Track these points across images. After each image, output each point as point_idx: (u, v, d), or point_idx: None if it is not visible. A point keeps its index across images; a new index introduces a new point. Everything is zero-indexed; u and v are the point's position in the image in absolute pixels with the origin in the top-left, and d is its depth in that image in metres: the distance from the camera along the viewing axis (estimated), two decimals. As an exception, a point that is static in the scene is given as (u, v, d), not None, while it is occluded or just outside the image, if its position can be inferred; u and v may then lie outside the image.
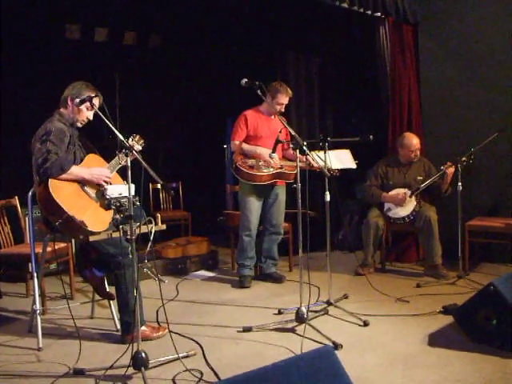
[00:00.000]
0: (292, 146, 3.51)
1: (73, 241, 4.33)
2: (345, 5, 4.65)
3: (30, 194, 3.27)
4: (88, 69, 4.95)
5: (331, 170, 3.93)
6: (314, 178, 4.08)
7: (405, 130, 5.14)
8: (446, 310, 3.57)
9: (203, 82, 6.63)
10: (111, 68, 5.84)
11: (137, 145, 3.37)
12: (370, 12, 4.90)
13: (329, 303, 3.74)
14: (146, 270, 4.50)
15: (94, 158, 3.24)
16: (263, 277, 4.68)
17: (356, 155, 4.63)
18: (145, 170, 2.73)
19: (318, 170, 3.99)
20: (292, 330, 3.36)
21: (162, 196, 6.38)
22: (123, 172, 2.88)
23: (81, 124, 3.23)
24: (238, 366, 2.81)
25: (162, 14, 5.52)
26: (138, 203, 2.80)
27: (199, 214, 6.30)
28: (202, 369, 2.80)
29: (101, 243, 3.11)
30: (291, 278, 4.63)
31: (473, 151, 4.35)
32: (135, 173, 2.71)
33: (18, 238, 4.21)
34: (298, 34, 5.74)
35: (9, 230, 4.15)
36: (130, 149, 2.74)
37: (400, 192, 4.72)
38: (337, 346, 3.04)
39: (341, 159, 4.54)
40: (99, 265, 3.29)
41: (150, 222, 3.04)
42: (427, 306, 3.74)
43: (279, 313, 3.72)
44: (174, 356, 2.87)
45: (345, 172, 4.46)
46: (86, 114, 3.19)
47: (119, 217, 2.75)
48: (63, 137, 3.07)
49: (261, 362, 2.38)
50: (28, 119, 3.77)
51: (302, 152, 3.44)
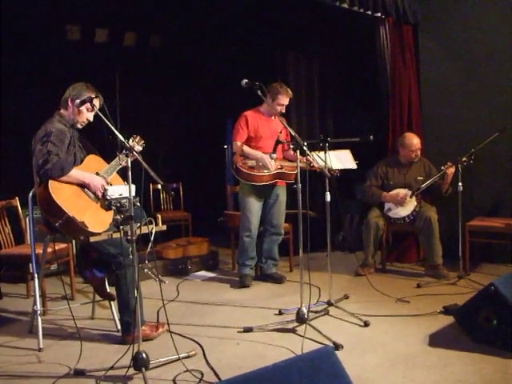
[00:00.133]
0: (292, 146, 3.51)
1: (73, 241, 4.34)
2: (345, 5, 4.65)
3: (31, 194, 3.27)
4: (88, 69, 4.93)
5: (331, 170, 3.92)
6: (314, 178, 4.09)
7: (405, 130, 5.13)
8: (447, 311, 3.57)
9: (203, 83, 6.63)
10: (111, 69, 5.83)
11: (137, 145, 3.37)
12: (370, 12, 4.90)
13: (329, 303, 3.74)
14: (146, 270, 4.50)
15: (94, 159, 3.24)
16: (264, 277, 4.68)
17: (356, 155, 4.62)
18: (145, 170, 2.73)
19: (318, 170, 3.99)
20: (292, 331, 3.36)
21: (162, 197, 6.37)
22: (124, 173, 2.88)
23: (81, 125, 3.24)
24: (239, 367, 2.82)
25: (162, 14, 5.52)
26: (138, 204, 2.80)
27: (200, 215, 6.29)
28: (202, 369, 2.80)
29: (101, 243, 3.11)
30: (292, 278, 4.63)
31: (473, 151, 4.35)
32: (136, 173, 2.71)
33: (19, 238, 4.21)
34: (298, 34, 5.73)
35: (9, 231, 4.15)
36: (131, 149, 2.74)
37: (400, 192, 4.72)
38: (337, 346, 3.04)
39: (341, 159, 4.53)
40: (100, 265, 3.30)
41: (151, 223, 3.04)
42: (428, 307, 3.74)
43: (280, 313, 3.72)
44: (175, 356, 2.87)
45: (345, 172, 4.45)
46: (86, 115, 3.20)
47: (120, 217, 2.74)
48: (64, 138, 3.07)
49: (261, 363, 2.38)
50: (28, 120, 3.76)
51: (303, 153, 3.44)
